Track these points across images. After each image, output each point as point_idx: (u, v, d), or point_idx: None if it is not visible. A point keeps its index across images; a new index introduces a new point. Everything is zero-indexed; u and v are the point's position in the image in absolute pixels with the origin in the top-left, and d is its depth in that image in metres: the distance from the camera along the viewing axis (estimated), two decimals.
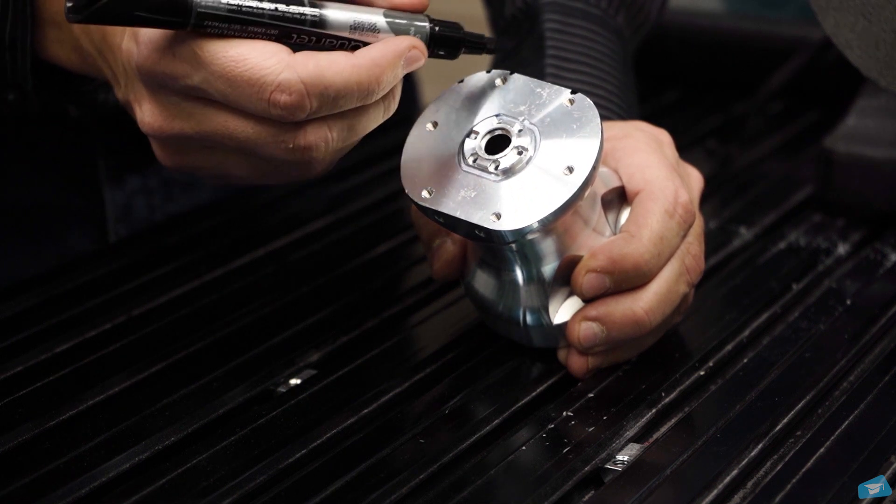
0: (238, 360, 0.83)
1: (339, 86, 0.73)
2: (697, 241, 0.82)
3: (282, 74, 0.72)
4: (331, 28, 0.75)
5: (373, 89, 0.74)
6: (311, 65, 0.73)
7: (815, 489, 0.70)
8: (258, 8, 0.73)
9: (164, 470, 0.73)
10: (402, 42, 0.75)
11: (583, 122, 0.77)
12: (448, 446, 0.74)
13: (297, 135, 0.75)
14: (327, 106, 0.74)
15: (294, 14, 0.74)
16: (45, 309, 0.90)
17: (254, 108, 0.74)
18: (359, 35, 0.75)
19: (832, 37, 0.93)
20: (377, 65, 0.74)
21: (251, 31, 0.73)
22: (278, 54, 0.73)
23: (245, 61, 0.73)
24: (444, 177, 0.77)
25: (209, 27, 0.73)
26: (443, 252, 0.82)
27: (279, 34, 0.74)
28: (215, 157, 0.78)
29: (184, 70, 0.74)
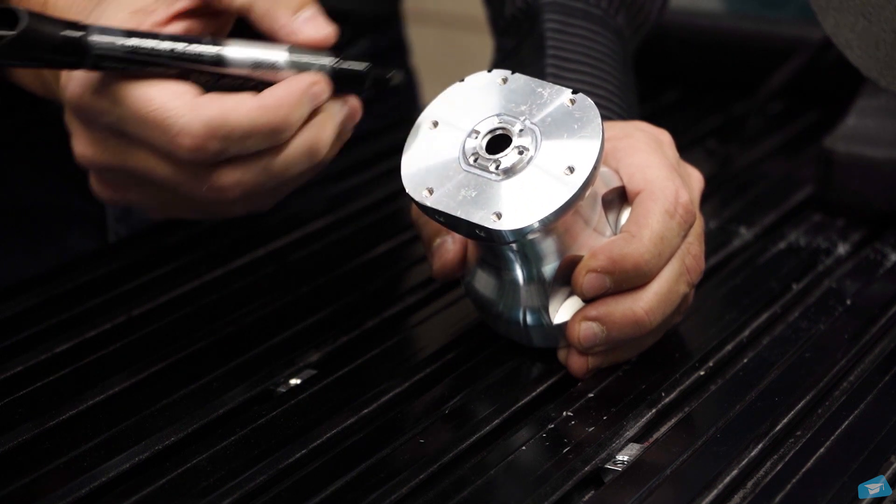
0: (238, 360, 0.83)
1: (244, 128, 0.74)
2: (698, 241, 0.82)
3: (184, 118, 0.74)
4: (231, 66, 0.76)
5: (280, 128, 0.75)
6: (215, 107, 0.74)
7: (815, 489, 0.70)
8: (155, 49, 0.74)
9: (164, 470, 0.73)
10: (305, 79, 0.76)
11: (584, 122, 0.77)
12: (448, 446, 0.74)
13: (211, 176, 0.76)
14: (234, 147, 0.75)
15: (192, 54, 0.75)
16: (45, 309, 0.90)
17: (163, 149, 0.75)
18: (261, 73, 0.76)
19: (832, 37, 0.93)
20: (282, 104, 0.75)
21: (151, 71, 0.74)
22: (184, 96, 0.74)
23: (151, 101, 0.74)
24: (445, 176, 0.77)
25: (107, 67, 0.74)
26: (443, 252, 0.82)
27: (179, 73, 0.75)
28: (145, 192, 0.79)
29: (105, 107, 0.75)
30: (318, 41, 0.77)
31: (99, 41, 0.73)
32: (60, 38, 0.73)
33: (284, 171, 0.77)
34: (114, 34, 0.74)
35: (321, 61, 0.77)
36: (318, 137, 0.77)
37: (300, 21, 0.77)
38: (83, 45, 0.73)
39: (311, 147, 0.77)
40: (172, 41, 0.74)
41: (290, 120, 0.75)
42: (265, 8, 0.77)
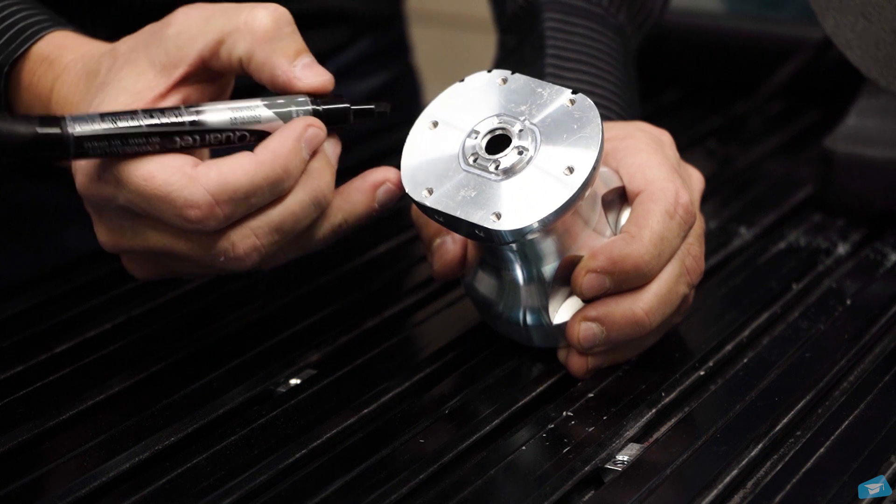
0: (238, 360, 0.83)
1: (246, 187, 0.75)
2: (698, 241, 0.82)
3: (185, 190, 0.74)
4: (212, 126, 0.76)
5: (281, 179, 0.76)
6: (214, 174, 0.75)
7: (815, 489, 0.70)
8: (132, 126, 0.75)
9: (164, 470, 0.73)
10: (298, 125, 0.77)
11: (583, 122, 0.77)
12: (448, 446, 0.74)
13: (227, 248, 0.77)
14: (241, 208, 0.76)
15: (170, 122, 0.75)
16: (45, 309, 0.90)
17: (174, 224, 0.76)
18: (242, 127, 0.77)
19: (832, 37, 0.93)
20: (278, 155, 0.76)
21: (134, 145, 0.75)
22: (182, 169, 0.75)
23: (153, 179, 0.75)
24: (445, 176, 0.77)
25: (91, 150, 0.75)
26: (443, 252, 0.82)
27: (162, 143, 0.75)
28: (174, 266, 0.80)
29: (111, 191, 0.76)
30: (319, 86, 0.78)
31: (75, 131, 0.74)
32: (36, 134, 0.73)
33: (295, 225, 0.77)
34: (89, 120, 0.75)
35: (301, 106, 0.78)
36: (318, 185, 0.77)
37: (299, 68, 0.78)
38: (61, 137, 0.74)
39: (314, 196, 0.77)
40: (148, 115, 0.75)
41: (290, 168, 0.76)
42: (263, 58, 0.77)
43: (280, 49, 0.77)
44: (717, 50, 1.28)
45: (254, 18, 0.77)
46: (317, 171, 0.77)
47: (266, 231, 0.77)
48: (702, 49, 1.29)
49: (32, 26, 0.83)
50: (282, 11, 0.78)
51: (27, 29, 0.83)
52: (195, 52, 0.77)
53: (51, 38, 0.83)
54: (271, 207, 0.77)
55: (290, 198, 0.77)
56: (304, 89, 0.78)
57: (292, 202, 0.77)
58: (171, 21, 0.78)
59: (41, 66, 0.82)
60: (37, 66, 0.82)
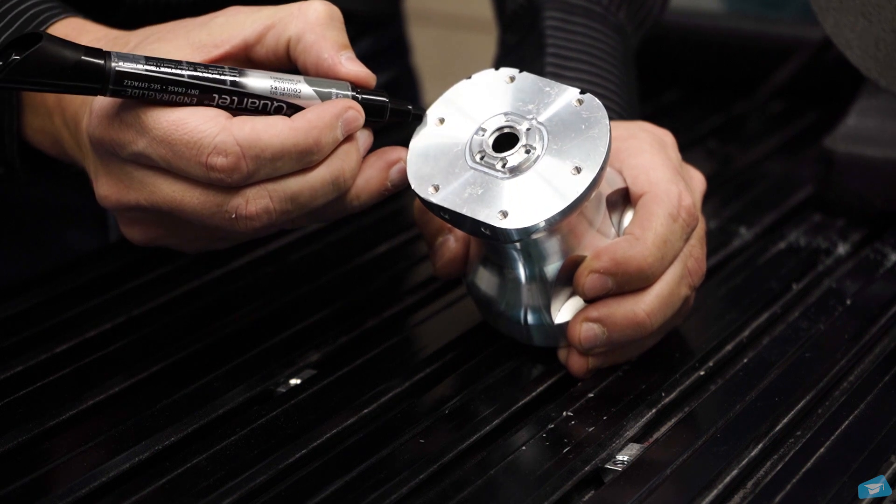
0: (238, 360, 0.83)
1: (276, 147, 0.75)
2: (700, 244, 0.82)
3: (217, 137, 0.74)
4: (252, 90, 0.76)
5: (311, 150, 0.76)
6: (248, 128, 0.75)
7: (815, 489, 0.70)
8: (175, 73, 0.75)
9: (164, 470, 0.73)
10: (339, 104, 0.77)
11: (591, 122, 0.77)
12: (448, 446, 0.74)
13: (240, 203, 0.76)
14: (265, 168, 0.75)
15: (214, 77, 0.75)
16: (45, 309, 0.90)
17: (194, 173, 0.75)
18: (281, 96, 0.77)
19: (832, 37, 0.93)
20: (314, 126, 0.76)
21: (172, 92, 0.75)
22: (216, 118, 0.75)
23: (184, 125, 0.75)
24: (451, 173, 0.77)
25: (128, 89, 0.74)
26: (445, 249, 0.82)
27: (200, 96, 0.75)
28: (173, 228, 0.80)
29: (130, 137, 0.76)
30: (362, 78, 0.78)
31: (119, 64, 0.74)
32: (80, 62, 0.73)
33: (311, 200, 0.77)
34: (133, 60, 0.74)
35: (341, 90, 0.78)
36: (343, 167, 0.77)
37: (345, 58, 0.78)
38: (103, 68, 0.73)
39: (337, 176, 0.77)
40: (192, 67, 0.75)
41: (322, 142, 0.76)
42: (312, 41, 0.78)
43: (330, 36, 0.78)
44: (717, 50, 1.28)
45: (308, 6, 0.78)
46: (345, 154, 0.77)
47: (282, 197, 0.76)
48: (702, 49, 1.29)
49: (45, 12, 0.83)
50: (335, 8, 0.79)
51: (41, 14, 0.83)
52: (241, 36, 0.78)
53: (66, 22, 0.83)
54: (293, 177, 0.76)
55: (313, 172, 0.76)
56: (348, 76, 0.78)
57: (314, 177, 0.77)
58: (221, 13, 0.79)
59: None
60: None
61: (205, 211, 0.77)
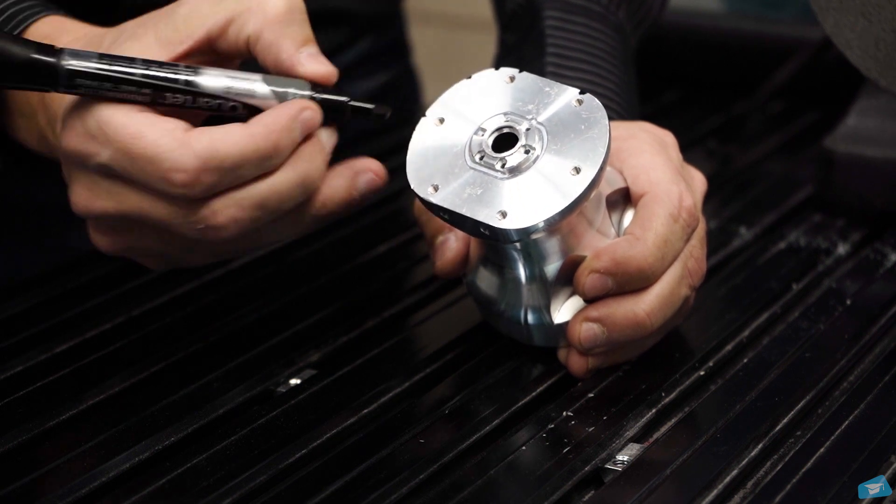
0: (238, 360, 0.83)
1: (235, 156, 0.74)
2: (700, 244, 0.82)
3: (175, 152, 0.74)
4: (205, 90, 0.76)
5: (270, 154, 0.75)
6: (206, 140, 0.74)
7: (815, 489, 0.70)
8: (128, 71, 0.74)
9: (164, 470, 0.73)
10: (295, 105, 0.76)
11: (591, 122, 0.77)
12: (448, 446, 0.74)
13: (207, 215, 0.76)
14: (227, 178, 0.75)
15: (165, 77, 0.75)
16: (45, 309, 0.90)
17: (156, 187, 0.75)
18: (235, 97, 0.76)
19: (832, 37, 0.93)
20: (271, 130, 0.75)
21: (124, 91, 0.74)
22: (174, 132, 0.74)
23: (143, 138, 0.74)
24: (450, 173, 0.77)
25: (81, 87, 0.74)
26: (446, 249, 0.82)
27: (153, 95, 0.75)
28: (143, 238, 0.79)
29: (94, 148, 0.76)
30: (321, 76, 0.78)
31: (70, 62, 0.74)
32: (31, 59, 0.73)
33: (279, 204, 0.77)
34: (85, 57, 0.74)
35: (299, 90, 0.77)
36: (308, 168, 0.77)
37: (305, 55, 0.77)
38: (55, 66, 0.73)
39: (303, 177, 0.77)
40: (145, 65, 0.75)
41: (281, 145, 0.75)
42: (271, 40, 0.77)
43: (289, 33, 0.77)
44: (717, 50, 1.28)
45: (267, 1, 0.77)
46: (308, 154, 0.77)
47: (249, 204, 0.76)
48: (702, 49, 1.29)
49: (25, 11, 0.83)
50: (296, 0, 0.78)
51: (20, 13, 0.83)
52: (203, 30, 0.77)
53: (47, 21, 0.83)
54: (258, 182, 0.76)
55: (277, 175, 0.76)
56: (306, 76, 0.78)
57: (279, 180, 0.76)
58: (184, 2, 0.78)
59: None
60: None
61: (172, 221, 0.77)
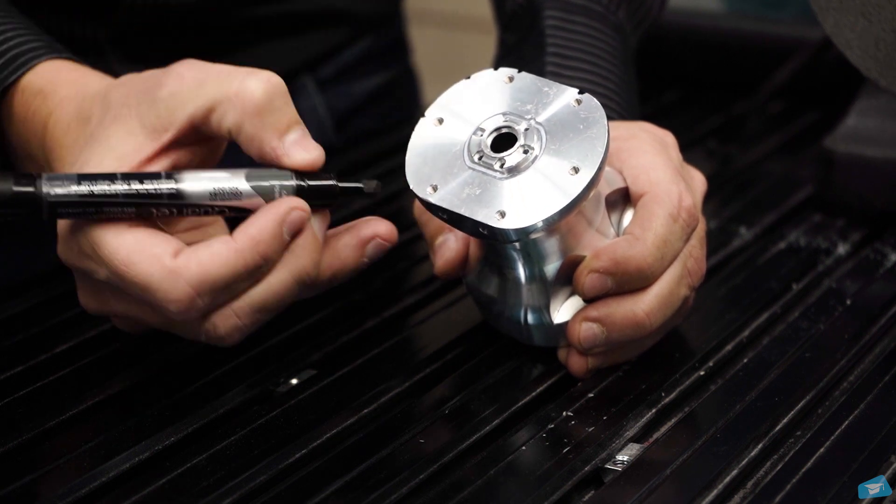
0: (238, 360, 0.83)
1: (226, 276, 0.74)
2: (700, 244, 0.82)
3: (165, 282, 0.73)
4: (189, 198, 0.75)
5: (259, 265, 0.75)
6: (194, 265, 0.74)
7: (815, 489, 0.70)
8: (110, 191, 0.74)
9: (164, 470, 0.73)
10: (281, 207, 0.75)
11: (589, 122, 0.77)
12: (448, 446, 0.74)
13: (208, 329, 0.76)
14: (221, 296, 0.75)
15: (148, 190, 0.74)
16: (45, 309, 0.90)
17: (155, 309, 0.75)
18: (221, 202, 0.76)
19: (832, 37, 0.93)
20: (258, 242, 0.74)
21: (108, 213, 0.74)
22: (161, 260, 0.74)
23: (133, 266, 0.74)
24: (449, 173, 0.77)
25: (64, 214, 0.74)
26: (445, 250, 0.82)
27: (138, 212, 0.74)
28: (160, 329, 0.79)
29: (92, 266, 0.76)
30: (306, 164, 0.76)
31: (50, 191, 0.73)
32: (11, 192, 0.73)
33: (279, 303, 0.77)
34: (66, 181, 0.73)
35: (284, 182, 0.76)
36: (302, 263, 0.76)
37: (288, 144, 0.76)
38: (35, 196, 0.73)
39: (298, 274, 0.76)
40: (125, 181, 0.74)
41: (269, 254, 0.75)
42: (252, 132, 0.76)
43: (270, 123, 0.75)
44: (717, 50, 1.28)
45: (245, 89, 0.75)
46: (301, 250, 0.76)
47: (248, 311, 0.76)
48: (702, 49, 1.29)
49: (26, 53, 0.83)
50: (275, 82, 0.76)
51: (20, 56, 0.82)
52: (185, 117, 0.76)
53: (45, 68, 0.82)
54: (253, 288, 0.76)
55: (272, 277, 0.76)
56: (292, 167, 0.76)
57: (275, 282, 0.76)
58: (165, 81, 0.77)
59: (35, 99, 0.82)
60: (31, 100, 0.82)
61: (179, 332, 0.77)
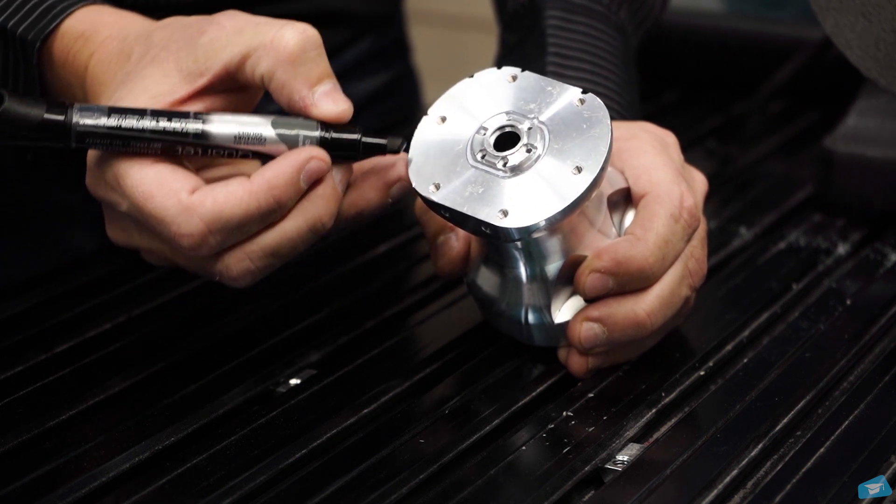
0: (238, 360, 0.83)
1: (239, 216, 0.75)
2: (701, 244, 0.82)
3: (180, 216, 0.74)
4: (215, 141, 0.76)
5: (272, 210, 0.75)
6: (209, 203, 0.74)
7: (815, 489, 0.70)
8: (138, 126, 0.75)
9: (164, 470, 0.73)
10: (299, 156, 0.76)
11: (592, 122, 0.77)
12: (448, 446, 0.74)
13: (221, 269, 0.77)
14: (233, 236, 0.76)
15: (175, 129, 0.75)
16: (45, 309, 0.90)
17: (169, 242, 0.76)
18: (245, 146, 0.76)
19: (832, 37, 0.93)
20: (273, 186, 0.75)
21: (134, 147, 0.75)
22: (178, 195, 0.75)
23: (152, 199, 0.75)
24: (452, 172, 0.77)
25: (91, 145, 0.75)
26: (447, 249, 0.82)
27: (164, 148, 0.75)
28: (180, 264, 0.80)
29: (116, 198, 0.77)
30: (334, 116, 0.77)
31: (80, 121, 0.74)
32: (42, 119, 0.74)
33: (291, 250, 0.77)
34: (96, 112, 0.75)
35: (310, 132, 0.77)
36: (318, 213, 0.77)
37: (318, 95, 0.77)
38: (65, 125, 0.74)
39: (313, 223, 0.77)
40: (154, 118, 0.75)
41: (283, 200, 0.75)
42: (283, 80, 0.76)
43: (302, 73, 0.76)
44: (717, 50, 1.28)
45: (281, 38, 0.76)
46: (319, 199, 0.77)
47: (260, 255, 0.77)
48: (702, 49, 1.29)
49: (61, 2, 0.83)
50: (311, 34, 0.77)
51: (56, 5, 0.83)
52: (221, 63, 0.77)
53: (83, 14, 0.83)
54: (267, 231, 0.76)
55: (287, 223, 0.76)
56: (319, 117, 0.77)
57: (289, 228, 0.76)
58: (206, 29, 0.78)
59: (76, 42, 0.82)
60: (72, 44, 0.82)
61: (192, 268, 0.78)
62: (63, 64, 0.83)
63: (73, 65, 0.82)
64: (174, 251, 0.77)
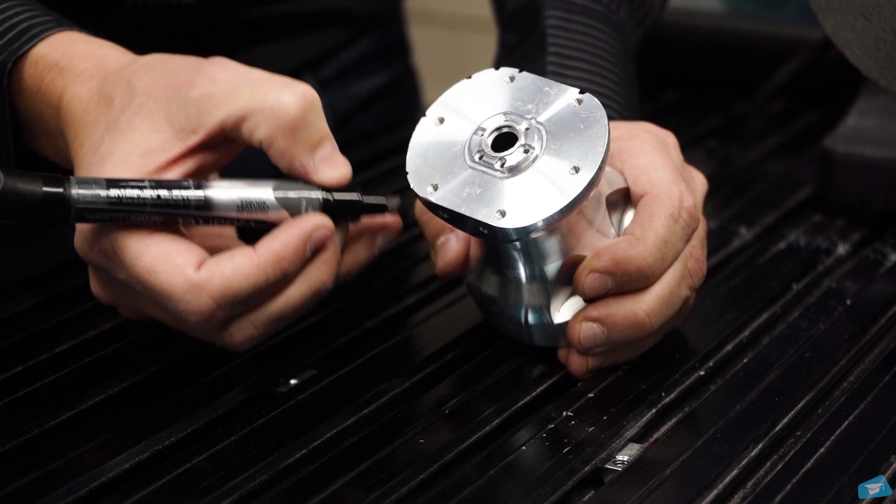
0: (238, 360, 0.83)
1: (248, 290, 0.74)
2: (700, 244, 0.82)
3: (188, 295, 0.73)
4: (217, 209, 0.75)
5: (280, 280, 0.75)
6: (217, 279, 0.73)
7: (815, 489, 0.70)
8: (139, 198, 0.73)
9: (164, 470, 0.73)
10: (306, 226, 0.75)
11: (590, 122, 0.77)
12: (448, 446, 0.74)
13: (223, 337, 0.76)
14: (240, 307, 0.75)
15: (177, 199, 0.74)
16: (45, 309, 0.90)
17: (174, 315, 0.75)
18: (248, 214, 0.75)
19: (832, 37, 0.93)
20: (281, 258, 0.74)
21: (136, 220, 0.73)
22: (185, 270, 0.73)
23: (156, 275, 0.74)
24: (450, 173, 0.77)
25: (92, 220, 0.73)
26: (446, 250, 0.83)
27: (164, 220, 0.74)
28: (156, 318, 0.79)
29: (111, 266, 0.75)
30: (336, 181, 0.76)
31: (79, 195, 0.73)
32: (41, 195, 0.72)
33: (294, 315, 0.77)
34: (94, 185, 0.73)
35: (311, 194, 0.76)
36: (321, 278, 0.76)
37: (318, 161, 0.76)
38: (64, 200, 0.72)
39: (317, 288, 0.76)
40: (155, 188, 0.73)
41: (290, 270, 0.75)
42: (284, 147, 0.75)
43: (302, 139, 0.75)
44: (717, 50, 1.28)
45: (280, 103, 0.75)
46: (322, 265, 0.76)
47: (265, 322, 0.76)
48: (702, 49, 1.29)
49: (36, 26, 0.82)
50: (310, 97, 0.75)
51: (31, 29, 0.82)
52: (216, 122, 0.75)
53: (58, 39, 0.82)
54: (272, 300, 0.76)
55: (291, 290, 0.76)
56: (320, 184, 0.76)
57: (294, 295, 0.76)
58: (197, 82, 0.76)
59: (50, 72, 0.81)
60: (45, 73, 0.81)
61: (193, 335, 0.77)
62: (35, 92, 0.81)
63: (46, 94, 0.81)
64: (173, 320, 0.76)
